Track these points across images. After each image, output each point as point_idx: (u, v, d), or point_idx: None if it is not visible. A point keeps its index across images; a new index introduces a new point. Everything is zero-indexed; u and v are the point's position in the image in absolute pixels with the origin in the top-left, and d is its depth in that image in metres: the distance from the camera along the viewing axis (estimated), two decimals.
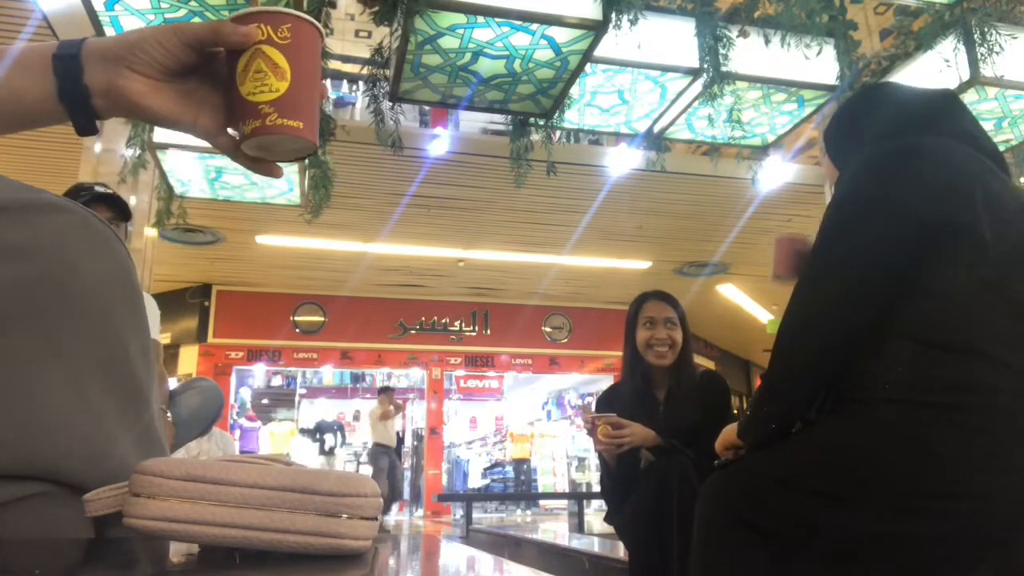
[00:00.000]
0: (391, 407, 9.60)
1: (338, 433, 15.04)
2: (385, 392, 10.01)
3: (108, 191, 2.27)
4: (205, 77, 0.67)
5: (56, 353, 0.58)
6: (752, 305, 11.96)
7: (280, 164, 0.70)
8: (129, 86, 0.63)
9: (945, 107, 1.40)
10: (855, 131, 1.45)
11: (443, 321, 11.79)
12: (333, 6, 3.74)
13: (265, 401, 14.49)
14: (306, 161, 4.09)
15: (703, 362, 12.90)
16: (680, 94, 3.74)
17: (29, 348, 0.57)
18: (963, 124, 1.36)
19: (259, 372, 12.99)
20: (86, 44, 0.64)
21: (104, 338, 0.63)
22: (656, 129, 4.09)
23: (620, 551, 3.04)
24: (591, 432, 2.25)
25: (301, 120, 0.63)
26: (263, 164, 0.68)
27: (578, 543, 4.30)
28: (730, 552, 1.26)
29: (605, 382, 12.66)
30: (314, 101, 0.65)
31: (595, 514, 8.21)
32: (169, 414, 2.08)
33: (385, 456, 9.64)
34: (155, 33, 0.64)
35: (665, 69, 3.54)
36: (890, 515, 1.11)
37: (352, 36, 7.91)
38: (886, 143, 1.33)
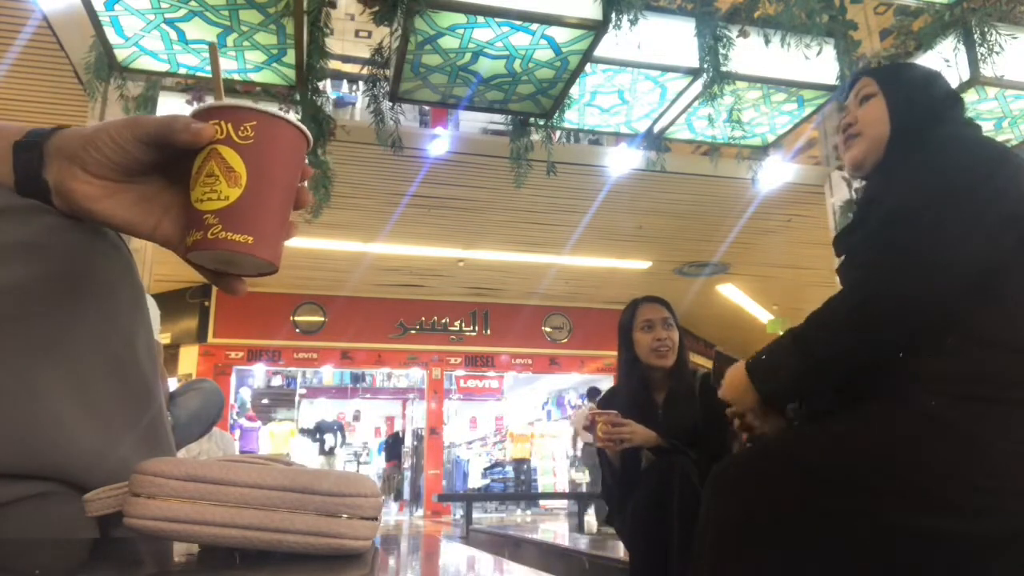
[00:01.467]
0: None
1: (338, 433, 15.07)
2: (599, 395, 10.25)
3: None
4: (173, 177, 0.58)
5: (63, 352, 0.58)
6: (752, 305, 11.96)
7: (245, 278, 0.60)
8: (77, 189, 0.56)
9: (960, 100, 1.42)
10: (925, 100, 1.41)
11: (443, 321, 11.80)
12: (333, 6, 3.74)
13: (265, 401, 14.51)
14: (306, 160, 4.09)
15: (703, 362, 12.89)
16: (680, 94, 3.75)
17: (36, 347, 0.57)
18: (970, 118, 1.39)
19: (259, 372, 13.00)
20: (54, 136, 0.57)
21: (111, 336, 0.63)
22: (656, 129, 4.10)
23: (620, 551, 3.04)
24: (591, 429, 2.26)
25: (251, 234, 0.54)
26: (224, 278, 0.59)
27: (578, 543, 4.31)
28: (744, 550, 1.23)
29: (605, 382, 12.67)
30: (276, 212, 0.56)
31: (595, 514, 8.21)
32: (169, 417, 2.07)
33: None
34: (109, 127, 0.56)
35: (665, 69, 3.55)
36: (934, 510, 1.09)
37: (352, 36, 7.92)
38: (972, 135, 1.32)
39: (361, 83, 5.76)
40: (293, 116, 0.56)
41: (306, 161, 0.61)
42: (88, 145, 0.56)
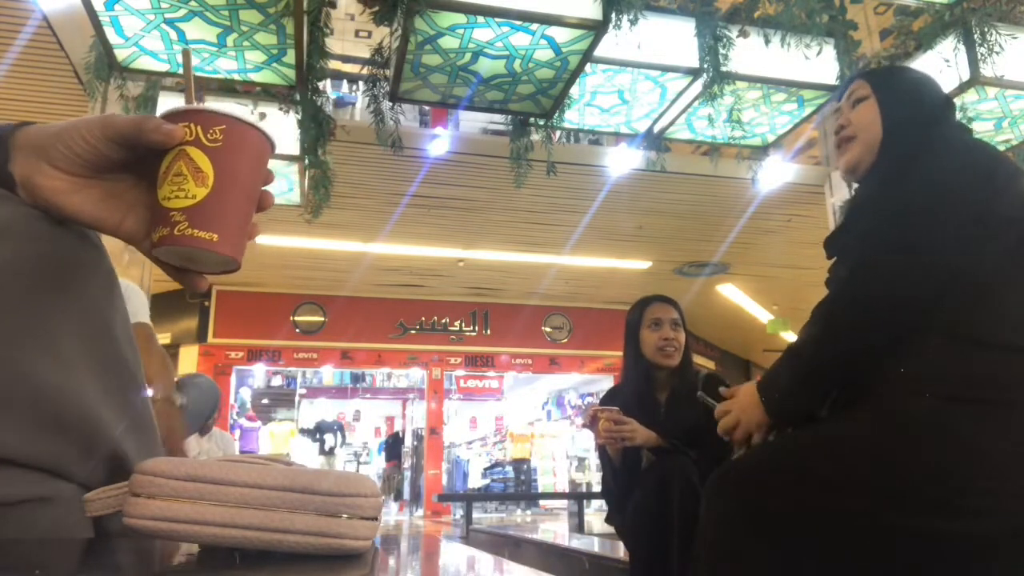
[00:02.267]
0: None
1: (338, 433, 15.07)
2: None
3: None
4: (139, 175, 0.60)
5: (40, 335, 0.58)
6: (752, 305, 11.97)
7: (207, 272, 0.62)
8: (44, 184, 0.57)
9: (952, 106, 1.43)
10: (918, 105, 1.41)
11: (443, 321, 11.80)
12: (333, 6, 3.74)
13: (265, 401, 14.51)
14: (306, 160, 4.09)
15: (703, 362, 12.90)
16: (680, 94, 3.74)
17: (13, 332, 0.56)
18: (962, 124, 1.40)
19: (259, 372, 13.00)
20: (20, 131, 0.59)
21: (87, 319, 0.62)
22: (656, 129, 4.10)
23: (620, 551, 3.04)
24: (592, 425, 2.26)
25: (216, 232, 0.56)
26: (186, 274, 0.60)
27: (578, 543, 4.30)
28: (743, 551, 1.23)
29: (605, 382, 12.68)
30: (240, 212, 0.58)
31: (595, 514, 8.21)
32: (180, 400, 2.05)
33: None
34: (80, 125, 0.57)
35: (665, 69, 3.55)
36: (917, 510, 1.09)
37: (352, 36, 7.92)
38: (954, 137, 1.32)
39: (361, 83, 5.76)
40: (257, 119, 0.58)
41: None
42: (57, 141, 0.57)
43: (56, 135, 0.57)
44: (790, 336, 12.37)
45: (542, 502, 13.42)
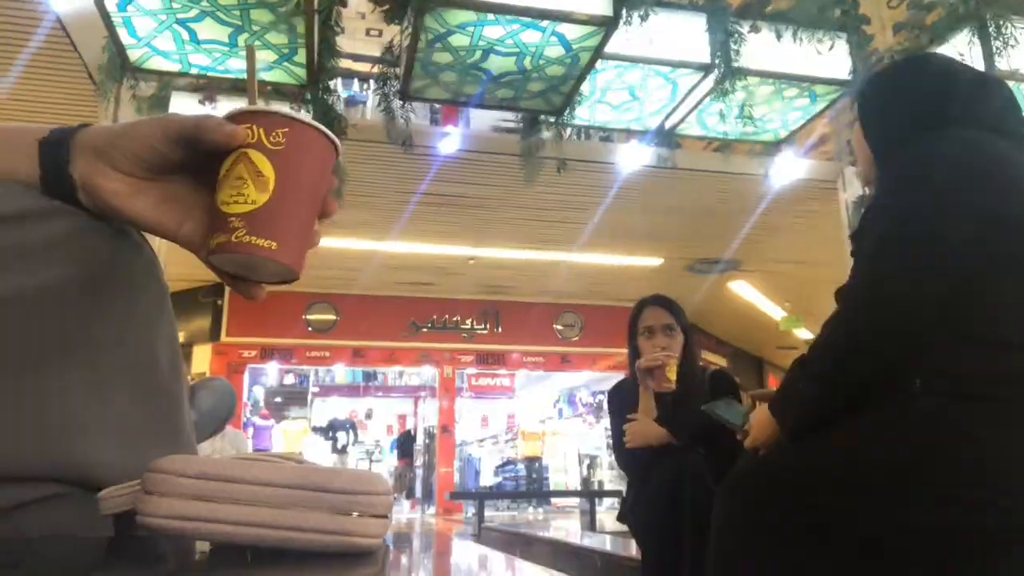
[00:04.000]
0: None
1: (350, 431, 15.14)
2: None
3: None
4: (197, 179, 0.58)
5: (83, 356, 0.58)
6: (764, 302, 11.91)
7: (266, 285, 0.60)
8: (105, 186, 0.56)
9: (979, 92, 1.37)
10: (897, 112, 1.40)
11: (454, 319, 11.81)
12: (344, 5, 3.75)
13: (278, 399, 14.58)
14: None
15: (715, 359, 12.86)
16: (691, 90, 3.73)
17: (56, 350, 0.56)
18: (993, 110, 1.35)
19: (272, 371, 13.07)
20: (81, 132, 0.58)
21: (131, 339, 0.62)
22: (667, 125, 4.08)
23: (632, 549, 3.04)
24: (651, 374, 2.25)
25: (275, 240, 0.53)
26: (243, 283, 0.59)
27: (590, 541, 4.30)
28: (756, 551, 1.23)
29: (617, 380, 12.66)
30: (301, 219, 0.56)
31: (607, 512, 8.20)
32: (195, 414, 2.07)
33: None
34: (140, 125, 0.56)
35: (676, 65, 3.54)
36: (929, 507, 1.09)
37: (363, 35, 7.93)
38: (944, 135, 1.29)
39: (372, 82, 5.77)
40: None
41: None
42: (117, 141, 0.56)
43: (116, 135, 0.56)
44: (803, 333, 12.31)
45: (554, 500, 13.42)
